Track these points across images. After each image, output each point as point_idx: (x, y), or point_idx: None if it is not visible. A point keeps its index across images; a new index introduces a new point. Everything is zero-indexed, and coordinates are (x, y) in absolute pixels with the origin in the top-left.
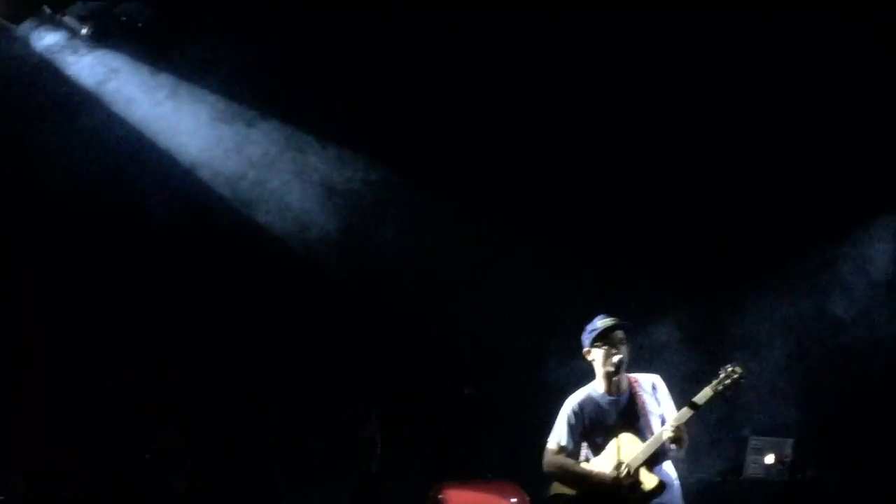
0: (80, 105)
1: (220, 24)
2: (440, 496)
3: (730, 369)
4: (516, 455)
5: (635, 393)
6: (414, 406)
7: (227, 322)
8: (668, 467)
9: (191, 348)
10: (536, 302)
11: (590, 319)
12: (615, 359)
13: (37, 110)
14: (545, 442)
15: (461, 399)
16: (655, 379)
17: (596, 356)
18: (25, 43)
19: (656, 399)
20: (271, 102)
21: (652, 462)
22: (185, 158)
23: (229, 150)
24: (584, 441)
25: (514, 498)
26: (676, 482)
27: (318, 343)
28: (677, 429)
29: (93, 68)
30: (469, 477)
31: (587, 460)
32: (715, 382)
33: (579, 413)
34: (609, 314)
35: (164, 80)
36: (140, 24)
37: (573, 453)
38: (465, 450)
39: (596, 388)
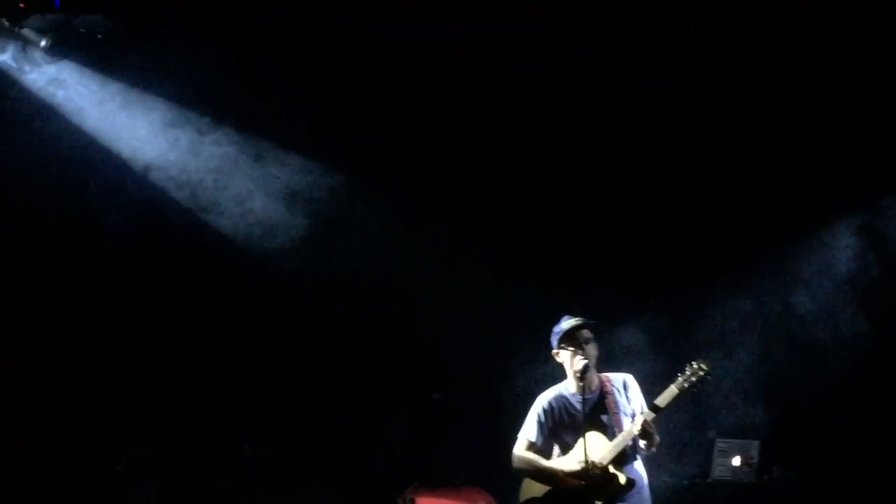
0: (34, 115)
1: (178, 32)
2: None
3: (695, 366)
4: (485, 461)
5: (606, 392)
6: (381, 413)
7: (193, 329)
8: (638, 467)
9: (158, 357)
10: (502, 307)
11: (557, 321)
12: (580, 360)
13: None
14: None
15: (429, 405)
16: (627, 377)
17: (563, 357)
18: None
19: (627, 398)
20: (230, 109)
21: (621, 460)
22: (139, 165)
23: (185, 156)
24: (553, 439)
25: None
26: (646, 482)
27: (284, 351)
28: (645, 422)
29: (49, 79)
30: (438, 483)
31: (558, 457)
32: (680, 380)
33: (549, 410)
34: (574, 315)
35: (117, 88)
36: (100, 36)
37: (543, 450)
38: (434, 456)
39: (567, 386)
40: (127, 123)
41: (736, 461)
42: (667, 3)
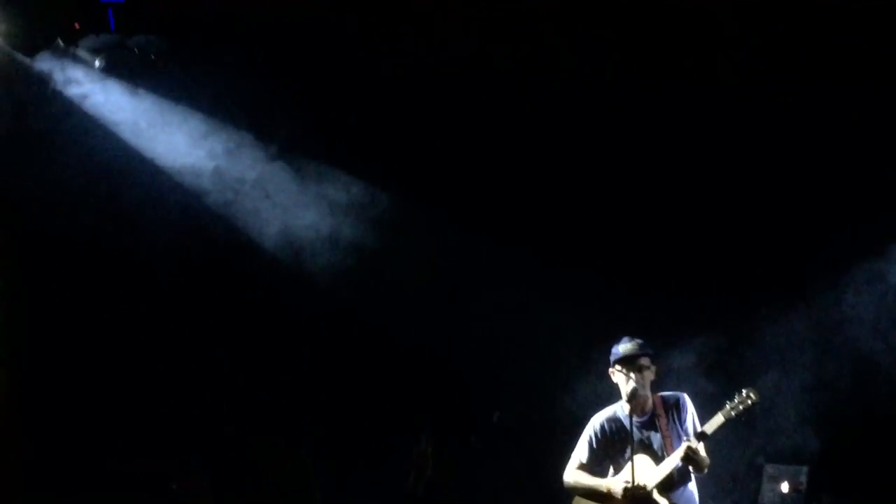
0: (85, 131)
1: (219, 46)
2: None
3: (744, 394)
4: (540, 485)
5: (658, 414)
6: (437, 436)
7: (235, 346)
8: (691, 489)
9: (203, 371)
10: (554, 329)
11: (617, 340)
12: (632, 385)
13: (44, 136)
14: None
15: (491, 424)
16: (682, 398)
17: (618, 378)
18: (39, 75)
19: (680, 419)
20: (270, 122)
21: (668, 484)
22: (179, 175)
23: (221, 167)
24: (606, 459)
25: None
26: None
27: (329, 367)
28: (689, 449)
29: (105, 98)
30: None
31: (612, 476)
32: (728, 408)
33: (600, 431)
34: (634, 336)
35: (154, 100)
36: (153, 56)
37: (596, 471)
38: (490, 481)
39: (621, 406)
40: (165, 135)
41: (785, 487)
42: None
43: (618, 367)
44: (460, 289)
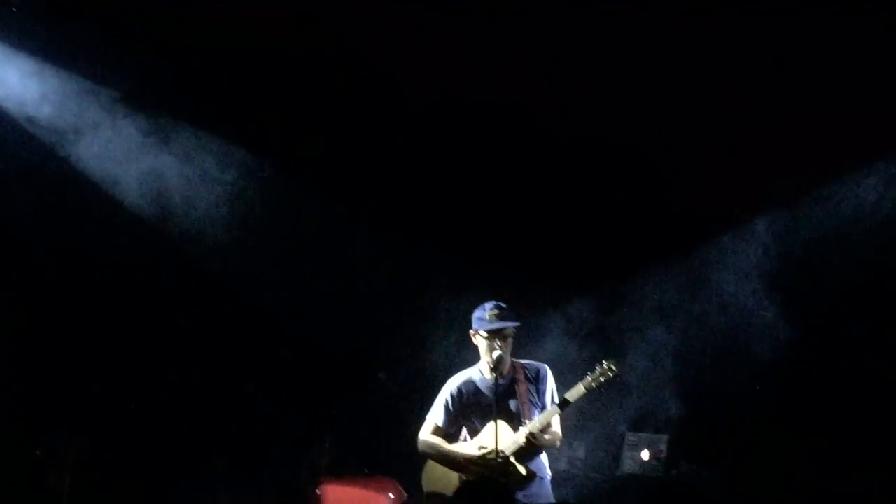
0: None
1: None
2: (318, 492)
3: (605, 366)
4: (393, 450)
5: (517, 380)
6: (288, 401)
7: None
8: (543, 459)
9: (72, 348)
10: (418, 294)
11: (480, 303)
12: (495, 353)
13: None
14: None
15: (337, 394)
16: (542, 368)
17: (479, 342)
18: None
19: (538, 389)
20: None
21: (523, 452)
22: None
23: (91, 129)
24: (462, 423)
25: (391, 493)
26: (547, 476)
27: (202, 341)
28: (530, 435)
29: None
30: (346, 473)
31: (465, 441)
32: (589, 379)
33: (457, 395)
34: (499, 300)
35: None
36: (14, 9)
37: (451, 434)
38: (343, 446)
39: (479, 370)
40: (37, 92)
41: (645, 455)
42: None
43: (481, 332)
44: (325, 262)
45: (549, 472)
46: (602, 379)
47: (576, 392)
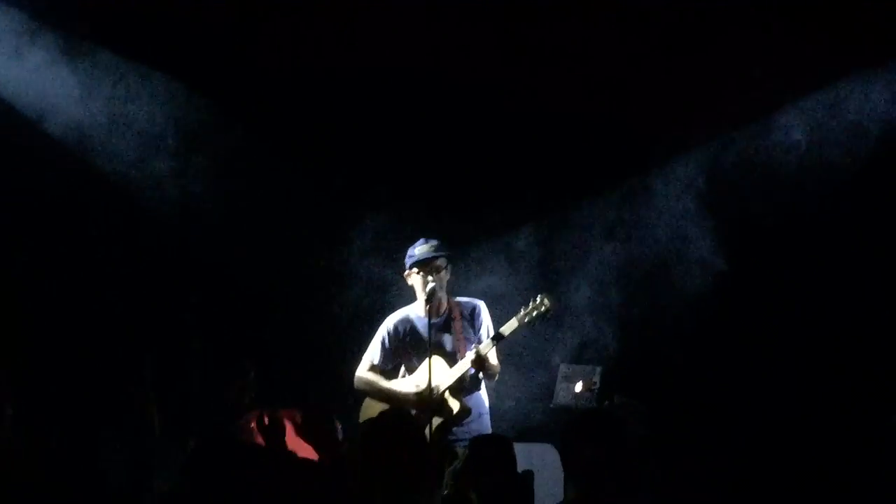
0: None
1: None
2: (252, 427)
3: (539, 300)
4: (327, 385)
5: (453, 317)
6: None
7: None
8: (480, 395)
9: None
10: (346, 227)
11: (413, 242)
12: (429, 286)
13: None
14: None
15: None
16: (478, 304)
17: (414, 280)
18: None
19: (474, 325)
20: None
21: (459, 388)
22: None
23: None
24: (400, 360)
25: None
26: (486, 411)
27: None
28: (477, 357)
29: None
30: (281, 407)
31: (403, 378)
32: (522, 313)
33: (393, 333)
34: (430, 238)
35: None
36: None
37: (388, 372)
38: (278, 381)
39: (415, 309)
40: None
41: (578, 386)
42: None
43: (415, 269)
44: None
45: (487, 407)
46: (535, 313)
47: (509, 326)
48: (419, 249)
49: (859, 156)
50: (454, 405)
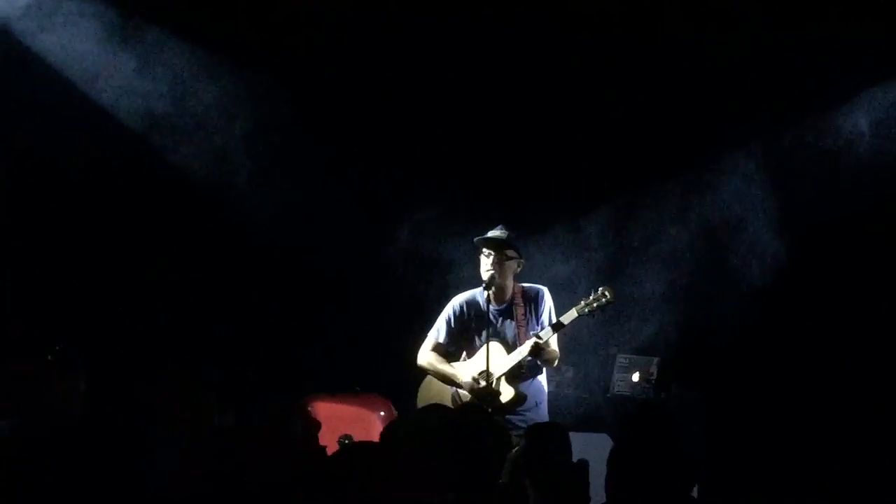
0: None
1: None
2: (308, 410)
3: (600, 292)
4: (385, 369)
5: (516, 304)
6: (275, 320)
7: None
8: (539, 383)
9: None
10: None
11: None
12: (490, 271)
13: None
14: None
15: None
16: (541, 291)
17: (481, 263)
18: None
19: (537, 312)
20: None
21: (516, 374)
22: None
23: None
24: (461, 341)
25: (382, 411)
26: (543, 399)
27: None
28: (535, 345)
29: None
30: (337, 391)
31: (464, 361)
32: (583, 304)
33: (459, 313)
34: (507, 227)
35: None
36: None
37: (451, 352)
38: (333, 364)
39: (482, 291)
40: None
41: (636, 377)
42: None
43: (482, 249)
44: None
45: (545, 396)
46: (595, 304)
47: (569, 316)
48: (491, 233)
49: None
50: (509, 392)
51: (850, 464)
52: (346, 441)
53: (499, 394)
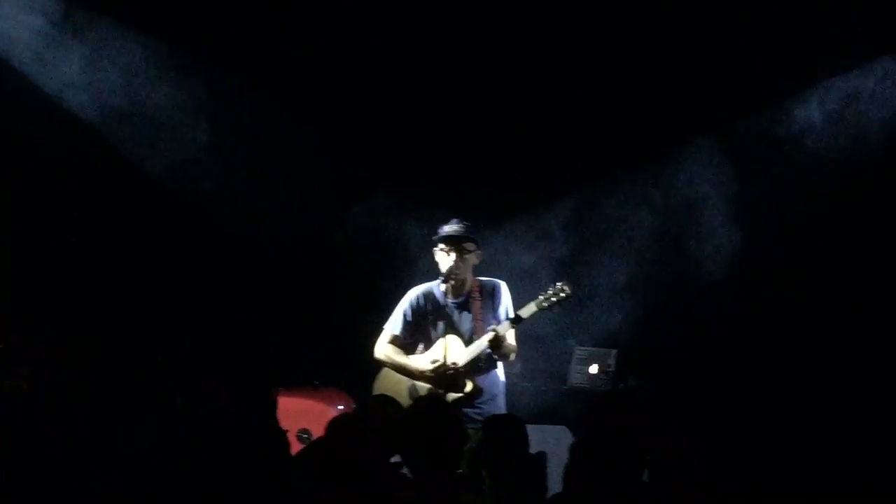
0: None
1: None
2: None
3: (558, 286)
4: (342, 362)
5: (473, 297)
6: (232, 313)
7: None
8: (496, 376)
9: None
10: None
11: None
12: (448, 264)
13: None
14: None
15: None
16: (498, 285)
17: (439, 257)
18: None
19: (494, 306)
20: None
21: (473, 367)
22: None
23: None
24: (417, 334)
25: (340, 405)
26: (501, 392)
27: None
28: (494, 338)
29: None
30: (295, 385)
31: (421, 354)
32: (541, 298)
33: (416, 305)
34: (463, 220)
35: None
36: None
37: (407, 345)
38: (291, 358)
39: (439, 285)
40: None
41: (594, 369)
42: None
43: (440, 245)
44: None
45: (502, 388)
46: (554, 299)
47: (528, 310)
48: (448, 227)
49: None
50: (466, 385)
51: (803, 453)
52: (305, 435)
53: (457, 386)
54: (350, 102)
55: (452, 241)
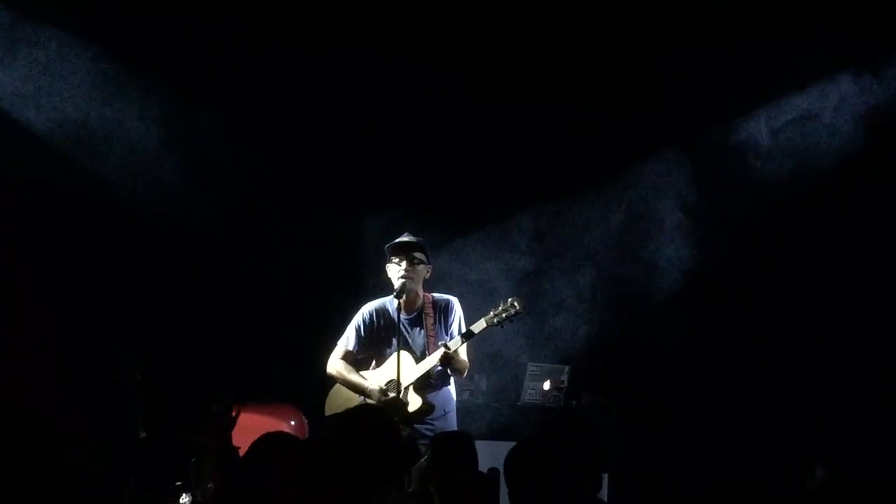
0: None
1: None
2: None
3: (509, 302)
4: (295, 378)
5: (426, 313)
6: (188, 326)
7: None
8: (448, 393)
9: None
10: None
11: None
12: (399, 279)
13: None
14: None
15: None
16: (451, 301)
17: (391, 272)
18: None
19: (446, 322)
20: None
21: (424, 384)
22: None
23: None
24: (370, 349)
25: (292, 420)
26: (452, 409)
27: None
28: (445, 354)
29: None
30: (247, 399)
31: (373, 370)
32: (492, 314)
33: (369, 321)
34: (413, 233)
35: None
36: None
37: (361, 360)
38: (243, 372)
39: (392, 300)
40: None
41: (546, 385)
42: None
43: (392, 257)
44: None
45: (454, 405)
46: (504, 315)
47: (478, 326)
48: (399, 240)
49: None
50: (417, 402)
51: (761, 469)
52: None
53: (407, 404)
54: (307, 114)
55: (402, 250)
